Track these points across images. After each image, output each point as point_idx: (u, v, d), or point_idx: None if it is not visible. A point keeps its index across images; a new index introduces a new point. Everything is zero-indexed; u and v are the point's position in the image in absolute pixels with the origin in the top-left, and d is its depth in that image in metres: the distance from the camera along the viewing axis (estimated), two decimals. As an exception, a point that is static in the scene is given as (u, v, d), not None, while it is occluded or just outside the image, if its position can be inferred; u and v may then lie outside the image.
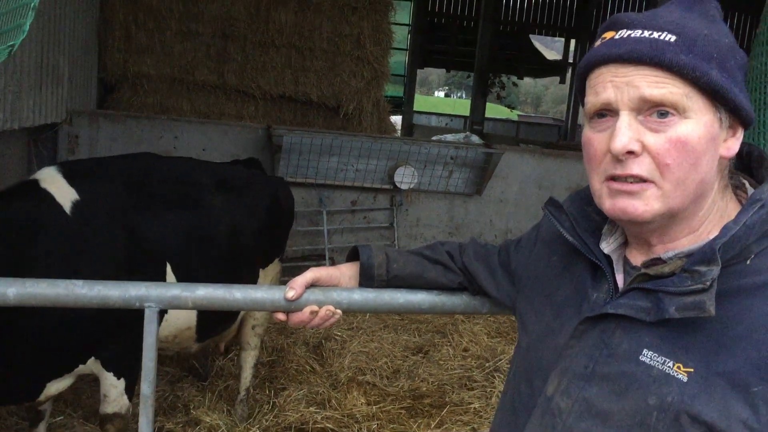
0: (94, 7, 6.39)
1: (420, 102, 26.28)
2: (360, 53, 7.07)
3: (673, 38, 1.09)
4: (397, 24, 9.23)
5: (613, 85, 1.12)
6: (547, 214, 1.36)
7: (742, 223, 1.09)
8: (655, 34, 1.10)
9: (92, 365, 2.82)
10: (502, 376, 4.69)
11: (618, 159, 1.11)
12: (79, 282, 1.49)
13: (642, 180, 1.11)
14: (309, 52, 7.04)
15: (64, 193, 2.74)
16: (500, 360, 4.92)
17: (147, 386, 1.52)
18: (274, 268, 3.91)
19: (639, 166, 1.10)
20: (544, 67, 19.19)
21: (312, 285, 1.58)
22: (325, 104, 7.18)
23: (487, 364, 4.89)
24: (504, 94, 20.36)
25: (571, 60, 19.11)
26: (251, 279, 3.62)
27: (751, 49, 2.35)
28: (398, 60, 15.55)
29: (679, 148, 1.09)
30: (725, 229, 1.09)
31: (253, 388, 4.08)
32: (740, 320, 1.07)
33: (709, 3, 1.17)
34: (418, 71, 18.47)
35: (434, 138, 9.05)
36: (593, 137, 1.17)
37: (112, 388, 2.90)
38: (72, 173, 2.86)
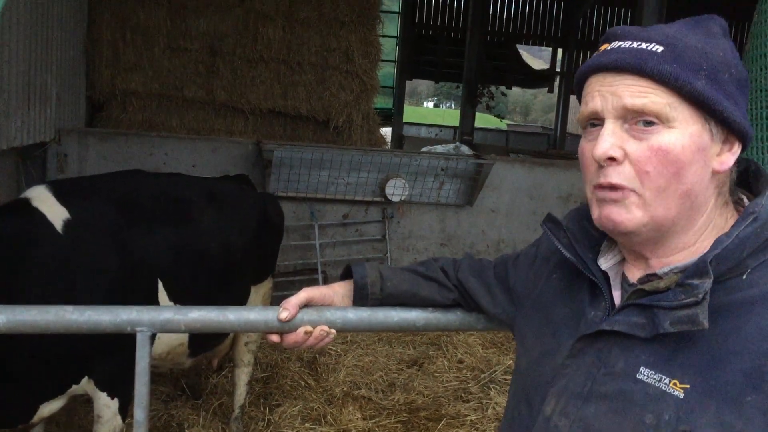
0: (82, 25, 6.37)
1: (409, 113, 26.33)
2: (349, 67, 7.08)
3: (660, 49, 1.11)
4: (385, 36, 9.26)
5: (600, 94, 1.15)
6: (546, 231, 1.36)
7: (734, 236, 1.09)
8: (643, 45, 1.12)
9: (86, 385, 2.80)
10: (497, 388, 4.68)
11: (600, 166, 1.13)
12: (70, 308, 1.47)
13: (622, 188, 1.12)
14: (298, 66, 7.04)
15: (55, 211, 2.74)
16: (495, 371, 4.91)
17: (141, 412, 1.50)
18: (265, 285, 3.89)
19: (618, 175, 1.12)
20: (532, 77, 19.27)
21: (305, 305, 1.57)
22: (315, 118, 7.18)
23: (482, 376, 4.88)
24: (493, 104, 20.44)
25: (558, 69, 19.22)
26: (243, 295, 3.61)
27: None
28: (387, 72, 15.60)
29: (660, 157, 1.09)
30: (717, 242, 1.09)
31: (247, 405, 4.05)
32: (735, 334, 1.06)
33: (713, 21, 1.18)
34: (407, 82, 18.53)
35: (424, 149, 9.06)
36: (585, 146, 1.19)
37: (106, 408, 2.87)
38: (62, 192, 2.85)
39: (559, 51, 19.21)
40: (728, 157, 1.15)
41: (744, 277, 1.10)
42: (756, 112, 2.30)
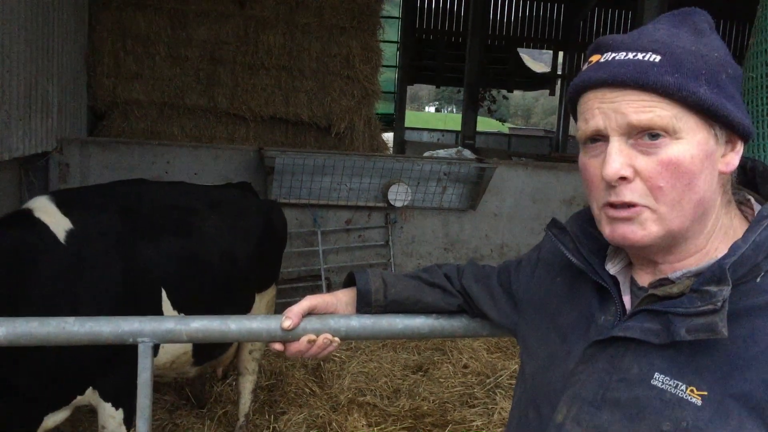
0: (83, 35, 6.38)
1: (411, 118, 26.35)
2: (350, 72, 7.08)
3: (657, 58, 1.08)
4: (385, 42, 9.26)
5: (601, 111, 1.11)
6: (550, 236, 1.33)
7: (751, 242, 1.06)
8: (639, 56, 1.09)
9: (90, 396, 2.79)
10: (503, 392, 4.66)
11: (611, 185, 1.10)
12: (71, 319, 1.46)
13: (635, 205, 1.10)
14: (298, 72, 7.04)
15: (58, 222, 2.73)
16: (500, 376, 4.89)
17: (143, 423, 1.49)
18: (269, 293, 3.88)
19: (632, 193, 1.09)
20: (533, 80, 19.30)
21: (308, 313, 1.56)
22: (317, 124, 7.17)
23: (487, 381, 4.85)
24: (494, 107, 20.47)
25: (559, 72, 19.23)
26: (247, 303, 3.60)
27: (745, 60, 2.33)
28: (388, 77, 15.63)
29: (672, 170, 1.07)
30: (734, 247, 1.07)
31: (252, 413, 4.03)
32: (753, 340, 1.04)
33: (699, 16, 1.15)
34: (408, 87, 18.55)
35: (426, 154, 9.06)
36: (588, 163, 1.17)
37: (111, 418, 2.86)
38: (65, 202, 2.85)
39: (560, 54, 19.24)
40: (733, 157, 1.14)
41: (758, 280, 1.08)
42: (760, 109, 2.27)
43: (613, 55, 1.12)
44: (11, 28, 4.49)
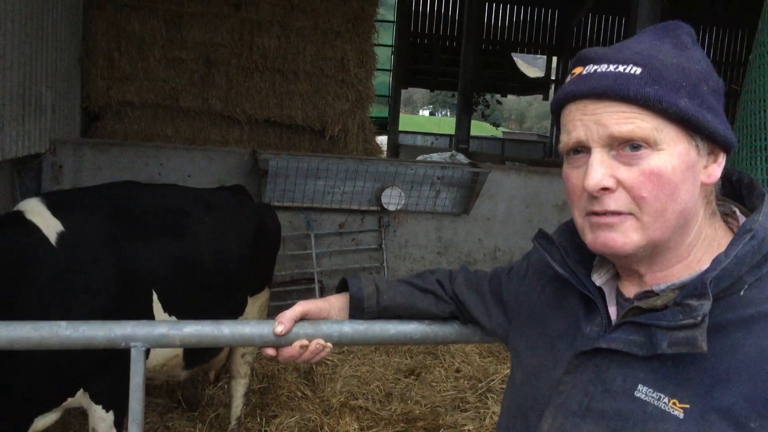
0: (77, 36, 6.37)
1: (405, 121, 26.38)
2: (344, 76, 7.09)
3: (638, 70, 1.09)
4: (380, 45, 9.28)
5: (582, 123, 1.12)
6: (537, 247, 1.34)
7: (733, 255, 1.07)
8: (621, 68, 1.10)
9: (81, 398, 2.77)
10: (495, 397, 4.66)
11: (594, 196, 1.11)
12: (63, 323, 1.46)
13: (620, 213, 1.11)
14: (293, 75, 7.05)
15: (49, 224, 2.72)
16: (493, 380, 4.90)
17: (135, 428, 1.49)
18: (262, 296, 3.88)
19: (616, 202, 1.10)
20: (526, 85, 19.35)
21: (301, 318, 1.56)
22: (311, 127, 7.18)
23: (479, 385, 4.86)
24: (488, 112, 20.51)
25: (553, 77, 19.30)
26: (239, 306, 3.59)
27: (747, 73, 2.33)
28: (382, 80, 15.64)
29: (654, 181, 1.08)
30: (716, 262, 1.08)
31: (244, 416, 4.02)
32: (735, 354, 1.05)
33: (681, 30, 1.17)
34: (402, 91, 18.58)
35: (420, 157, 9.07)
36: (570, 173, 1.18)
37: (101, 421, 2.85)
38: (56, 204, 2.84)
39: (554, 58, 19.30)
40: (715, 169, 1.15)
41: (741, 293, 1.09)
42: (759, 123, 2.27)
43: (595, 67, 1.13)
44: (5, 29, 4.48)
